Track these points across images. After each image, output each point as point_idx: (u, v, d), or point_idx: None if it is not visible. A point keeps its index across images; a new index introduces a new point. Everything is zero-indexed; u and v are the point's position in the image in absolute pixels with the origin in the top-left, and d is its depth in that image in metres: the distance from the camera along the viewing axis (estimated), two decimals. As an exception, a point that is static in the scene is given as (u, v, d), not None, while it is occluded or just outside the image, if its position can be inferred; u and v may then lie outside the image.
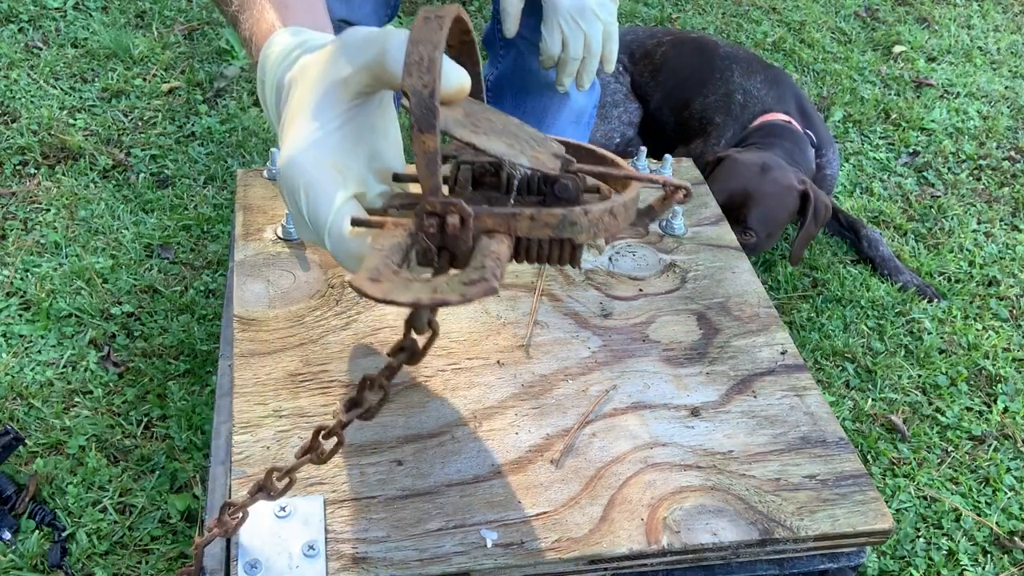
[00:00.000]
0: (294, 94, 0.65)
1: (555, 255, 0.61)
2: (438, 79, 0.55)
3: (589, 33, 1.23)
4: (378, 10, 1.40)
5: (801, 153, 1.69)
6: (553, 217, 0.58)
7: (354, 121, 0.63)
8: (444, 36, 0.56)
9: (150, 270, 1.52)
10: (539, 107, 1.49)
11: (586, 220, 0.59)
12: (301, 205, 0.62)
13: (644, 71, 1.93)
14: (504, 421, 0.84)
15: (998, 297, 1.66)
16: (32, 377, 1.32)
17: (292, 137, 0.63)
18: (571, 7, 1.21)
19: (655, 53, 1.93)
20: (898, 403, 1.44)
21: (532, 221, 0.58)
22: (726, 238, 1.09)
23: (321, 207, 0.62)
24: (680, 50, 1.92)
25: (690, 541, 0.75)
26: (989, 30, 2.54)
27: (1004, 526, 1.27)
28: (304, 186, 0.62)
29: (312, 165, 0.61)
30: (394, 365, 0.59)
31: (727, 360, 0.92)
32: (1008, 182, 1.97)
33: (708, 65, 1.87)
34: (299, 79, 0.65)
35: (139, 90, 1.94)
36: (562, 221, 0.58)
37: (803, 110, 1.80)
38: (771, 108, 1.77)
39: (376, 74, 0.61)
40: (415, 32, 0.56)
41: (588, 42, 1.24)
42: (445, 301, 0.52)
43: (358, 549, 0.72)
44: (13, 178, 1.69)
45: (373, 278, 0.53)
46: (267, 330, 0.91)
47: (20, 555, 1.10)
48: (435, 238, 0.57)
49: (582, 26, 1.22)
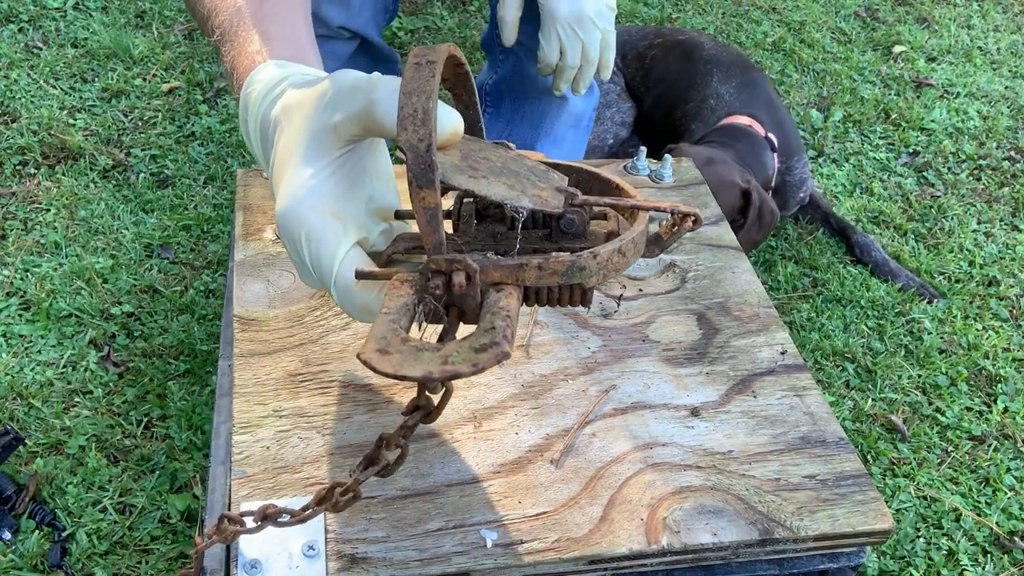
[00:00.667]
0: (282, 136, 0.63)
1: (565, 298, 0.60)
2: (434, 131, 0.53)
3: (587, 42, 1.23)
4: (377, 16, 1.40)
5: (754, 156, 1.67)
6: (561, 264, 0.57)
7: (346, 166, 0.62)
8: (437, 83, 0.54)
9: (150, 270, 1.52)
10: (538, 112, 1.48)
11: (595, 264, 0.58)
12: (303, 254, 0.61)
13: (636, 74, 1.93)
14: (504, 421, 0.84)
15: (998, 297, 1.66)
16: (32, 377, 1.32)
17: (287, 186, 0.61)
18: (569, 16, 1.21)
19: (646, 56, 1.93)
20: (898, 403, 1.44)
21: (540, 271, 0.57)
22: (726, 238, 1.09)
23: (324, 258, 0.60)
24: (668, 54, 1.91)
25: (690, 541, 0.75)
26: (989, 30, 2.54)
27: (1004, 526, 1.27)
28: (305, 236, 0.60)
29: (310, 214, 0.60)
30: (409, 424, 0.58)
31: (727, 360, 0.92)
32: (1008, 182, 1.97)
33: (692, 69, 1.86)
34: (285, 120, 0.63)
35: (139, 90, 1.94)
36: (570, 268, 0.57)
37: (774, 115, 1.77)
38: (738, 111, 1.76)
39: (365, 125, 0.59)
40: (407, 82, 0.55)
41: (585, 50, 1.24)
42: (456, 373, 0.51)
43: (358, 549, 0.72)
44: (13, 178, 1.69)
45: (382, 350, 0.52)
46: (267, 330, 0.91)
47: (20, 555, 1.10)
48: (441, 297, 0.56)
49: (580, 35, 1.22)
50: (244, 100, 0.70)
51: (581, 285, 0.59)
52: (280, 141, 0.63)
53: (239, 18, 0.75)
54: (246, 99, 0.69)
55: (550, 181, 0.64)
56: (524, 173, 0.63)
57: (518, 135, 1.52)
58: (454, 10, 2.42)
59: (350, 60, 1.41)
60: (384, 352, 0.52)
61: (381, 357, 0.52)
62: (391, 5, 1.42)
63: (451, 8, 2.43)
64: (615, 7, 1.24)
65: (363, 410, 0.83)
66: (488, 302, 0.56)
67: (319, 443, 0.80)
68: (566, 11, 1.20)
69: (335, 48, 1.37)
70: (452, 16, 2.38)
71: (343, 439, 0.81)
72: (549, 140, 1.51)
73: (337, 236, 0.60)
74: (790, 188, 1.76)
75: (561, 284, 0.58)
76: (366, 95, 0.59)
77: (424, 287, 0.56)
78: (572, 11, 1.20)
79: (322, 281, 0.62)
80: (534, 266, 0.57)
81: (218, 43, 0.76)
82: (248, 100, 0.69)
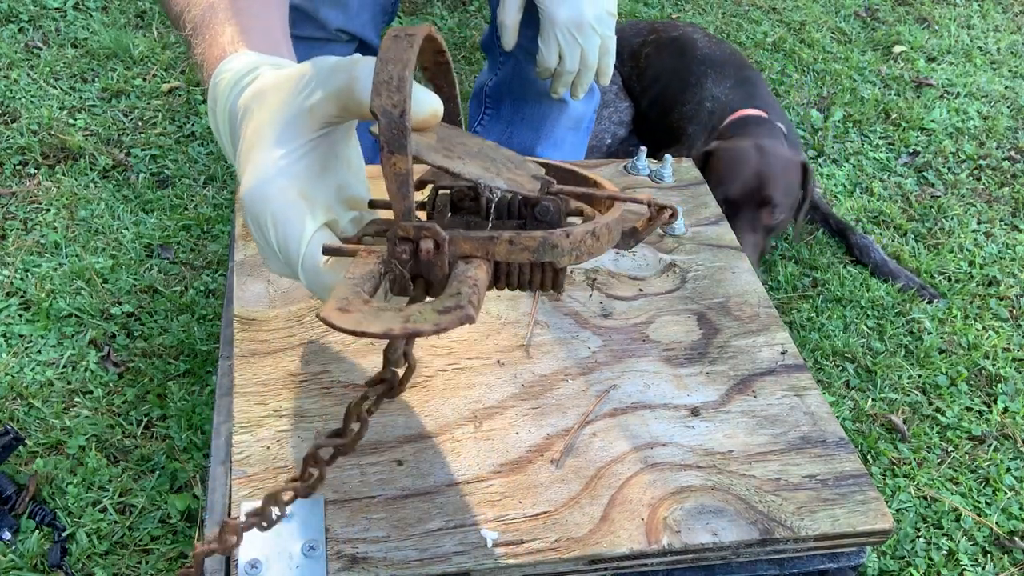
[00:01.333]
0: (252, 120, 0.62)
1: (536, 280, 0.58)
2: (408, 98, 0.52)
3: (586, 47, 1.22)
4: (376, 18, 1.39)
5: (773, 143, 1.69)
6: (532, 240, 0.56)
7: (318, 150, 0.60)
8: (414, 55, 0.53)
9: (150, 270, 1.52)
10: (538, 114, 1.48)
11: (567, 243, 0.57)
12: (269, 236, 0.59)
13: (632, 72, 1.93)
14: (504, 421, 0.84)
15: (998, 297, 1.67)
16: (32, 377, 1.32)
17: (255, 165, 0.59)
18: (569, 22, 1.20)
19: (640, 54, 1.93)
20: (898, 403, 1.44)
21: (511, 245, 0.55)
22: (726, 238, 1.09)
23: (291, 237, 0.59)
24: (662, 51, 1.91)
25: (690, 541, 0.75)
26: (989, 30, 2.54)
27: (1004, 526, 1.27)
28: (271, 216, 0.59)
29: (278, 194, 0.58)
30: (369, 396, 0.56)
31: (727, 360, 0.92)
32: (1008, 182, 1.97)
33: (686, 70, 1.87)
34: (256, 105, 0.62)
35: (139, 90, 1.94)
36: (542, 244, 0.56)
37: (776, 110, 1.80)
38: (742, 106, 1.77)
39: (344, 103, 0.58)
40: (384, 52, 0.54)
41: (584, 56, 1.23)
42: (418, 331, 0.49)
43: (358, 549, 0.72)
44: (13, 178, 1.69)
45: (342, 308, 0.50)
46: (267, 330, 0.91)
47: (20, 555, 1.10)
48: (408, 265, 0.54)
49: (579, 40, 1.21)
50: (213, 89, 0.68)
51: (553, 265, 0.57)
52: (250, 125, 0.61)
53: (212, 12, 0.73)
54: (215, 88, 0.68)
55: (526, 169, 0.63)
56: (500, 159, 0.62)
57: (518, 137, 1.52)
58: (454, 10, 2.42)
59: None
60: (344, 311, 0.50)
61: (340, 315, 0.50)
62: (390, 7, 1.42)
63: (451, 8, 2.43)
64: (616, 12, 1.23)
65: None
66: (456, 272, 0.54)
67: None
68: (565, 16, 1.19)
69: (333, 51, 1.36)
70: (452, 16, 2.38)
71: (343, 439, 0.81)
72: (549, 143, 1.51)
73: (304, 215, 0.59)
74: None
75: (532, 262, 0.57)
76: (347, 72, 0.57)
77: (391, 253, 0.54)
78: (572, 17, 1.20)
79: (288, 263, 0.60)
80: (505, 239, 0.55)
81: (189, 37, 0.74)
82: (217, 89, 0.67)
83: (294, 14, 0.89)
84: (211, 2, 0.74)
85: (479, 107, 1.56)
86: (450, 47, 2.27)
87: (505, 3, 1.25)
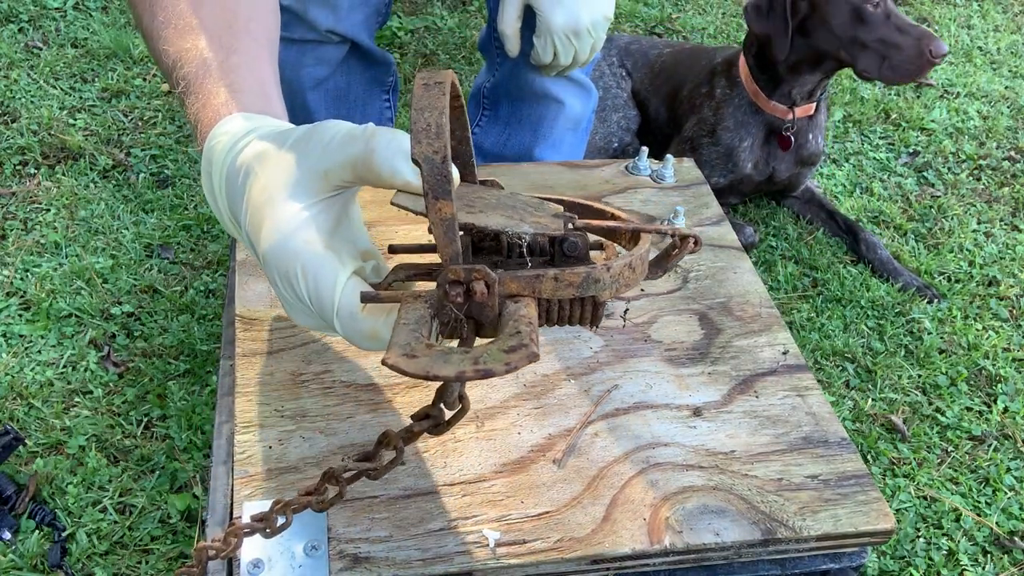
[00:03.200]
0: (258, 179, 0.61)
1: (576, 315, 0.60)
2: (448, 144, 0.54)
3: (579, 49, 1.26)
4: (369, 19, 1.38)
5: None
6: (576, 276, 0.57)
7: (333, 208, 0.61)
8: (447, 101, 0.55)
9: (150, 270, 1.52)
10: (535, 115, 1.48)
11: (608, 276, 0.59)
12: (299, 288, 0.59)
13: (644, 78, 1.96)
14: (506, 421, 0.84)
15: (998, 297, 1.67)
16: (32, 377, 1.32)
17: (274, 220, 0.59)
18: (566, 27, 1.22)
19: (655, 63, 1.96)
20: (898, 403, 1.44)
21: (556, 282, 0.57)
22: (728, 238, 1.09)
23: (324, 287, 0.59)
24: (677, 57, 1.95)
25: (693, 541, 0.75)
26: (989, 30, 2.55)
27: (1004, 526, 1.27)
28: (302, 267, 0.59)
29: (305, 246, 0.59)
30: (415, 430, 0.57)
31: (729, 360, 0.92)
32: (1008, 182, 1.97)
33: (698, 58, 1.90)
34: (259, 166, 0.62)
35: (139, 90, 1.94)
36: (586, 279, 0.58)
37: None
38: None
39: (360, 173, 0.58)
40: (418, 100, 0.55)
41: (577, 56, 1.27)
42: (490, 372, 0.50)
43: (360, 549, 0.72)
44: (13, 178, 1.69)
45: (408, 354, 0.51)
46: (269, 330, 0.91)
47: (20, 555, 1.10)
48: (462, 306, 0.56)
49: (574, 43, 1.25)
50: (208, 152, 0.68)
51: (594, 299, 0.59)
52: (255, 184, 0.61)
53: (205, 70, 0.72)
54: (211, 151, 0.67)
55: (546, 210, 0.65)
56: (519, 206, 0.64)
57: (516, 138, 1.52)
58: (454, 10, 2.42)
59: (342, 64, 1.39)
60: (411, 356, 0.51)
61: (409, 360, 0.51)
62: (384, 8, 1.41)
63: (451, 8, 2.43)
64: (612, 16, 1.26)
65: (365, 410, 0.83)
66: (507, 312, 0.56)
67: (322, 443, 0.80)
68: (562, 22, 1.22)
69: (324, 53, 1.35)
70: (452, 16, 2.38)
71: (346, 439, 0.81)
72: (548, 144, 1.51)
73: (335, 265, 0.59)
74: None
75: (575, 297, 0.59)
76: (363, 143, 0.58)
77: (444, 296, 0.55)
78: (568, 23, 1.22)
79: (322, 314, 0.60)
80: (550, 277, 0.57)
81: (182, 95, 0.73)
82: (213, 152, 0.67)
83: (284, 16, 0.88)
84: (203, 58, 0.73)
85: (477, 108, 1.56)
86: (450, 47, 2.27)
87: (504, 13, 1.26)
